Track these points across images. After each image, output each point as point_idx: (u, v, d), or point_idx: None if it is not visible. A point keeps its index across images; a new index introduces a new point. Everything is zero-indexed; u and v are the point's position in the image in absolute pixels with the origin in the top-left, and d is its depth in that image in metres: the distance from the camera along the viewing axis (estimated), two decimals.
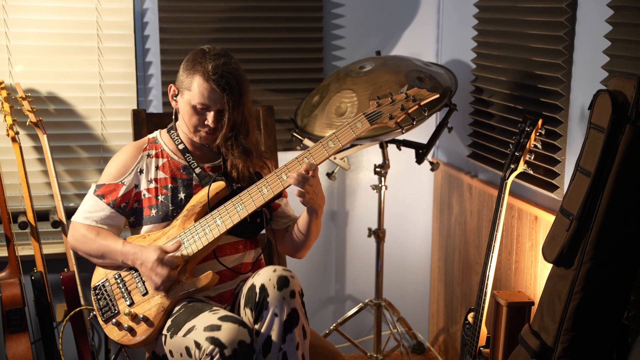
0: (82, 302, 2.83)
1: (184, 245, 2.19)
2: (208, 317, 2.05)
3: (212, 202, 2.22)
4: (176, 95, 2.29)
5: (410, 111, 2.17)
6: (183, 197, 2.27)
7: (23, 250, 3.03)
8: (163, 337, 2.16)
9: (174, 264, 2.16)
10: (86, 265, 2.78)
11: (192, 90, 2.19)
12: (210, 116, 2.21)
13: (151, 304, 2.19)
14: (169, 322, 2.16)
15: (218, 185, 2.23)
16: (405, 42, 3.44)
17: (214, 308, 2.11)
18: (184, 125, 2.28)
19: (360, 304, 3.36)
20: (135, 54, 3.16)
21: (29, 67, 3.06)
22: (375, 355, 3.30)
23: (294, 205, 2.47)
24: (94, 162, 3.18)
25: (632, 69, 2.07)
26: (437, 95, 2.19)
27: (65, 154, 3.14)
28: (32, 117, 2.88)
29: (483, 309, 2.53)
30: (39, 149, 3.08)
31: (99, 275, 2.30)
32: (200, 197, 2.24)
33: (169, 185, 2.28)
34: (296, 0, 3.29)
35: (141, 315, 2.18)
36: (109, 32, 3.12)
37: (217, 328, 1.99)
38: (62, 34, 3.08)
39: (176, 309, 2.18)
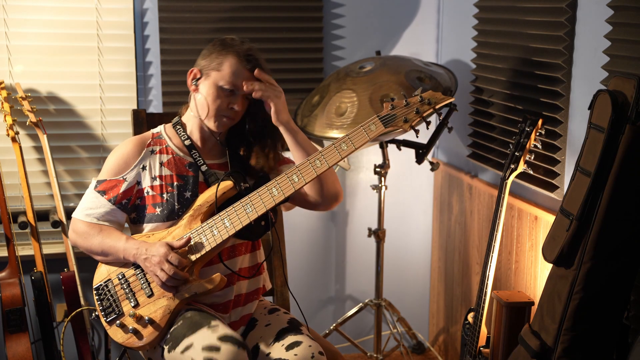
0: (82, 302, 2.83)
1: (192, 246, 2.14)
2: (207, 335, 2.00)
3: (220, 201, 2.17)
4: (197, 79, 2.21)
5: (425, 114, 2.12)
6: (189, 196, 2.20)
7: (23, 250, 3.03)
8: (161, 349, 2.13)
9: (182, 263, 2.10)
10: (86, 265, 2.78)
11: (222, 70, 2.16)
12: (237, 100, 2.18)
13: (157, 306, 2.15)
14: (167, 335, 2.12)
15: (226, 184, 2.17)
16: (405, 42, 3.44)
17: (213, 323, 2.06)
18: (203, 110, 2.21)
19: (360, 304, 3.36)
20: (135, 54, 3.16)
21: (29, 67, 3.06)
22: (375, 355, 3.30)
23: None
24: (94, 162, 3.18)
25: (632, 69, 2.06)
26: (452, 99, 2.15)
27: (65, 154, 3.14)
28: (32, 117, 2.88)
29: (483, 309, 2.53)
30: (39, 149, 3.08)
31: (101, 275, 2.24)
32: (207, 196, 2.18)
33: (175, 183, 2.21)
34: (296, 0, 3.29)
35: (147, 318, 2.14)
36: (109, 32, 3.12)
37: (216, 349, 1.96)
38: (62, 34, 3.08)
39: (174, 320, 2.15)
